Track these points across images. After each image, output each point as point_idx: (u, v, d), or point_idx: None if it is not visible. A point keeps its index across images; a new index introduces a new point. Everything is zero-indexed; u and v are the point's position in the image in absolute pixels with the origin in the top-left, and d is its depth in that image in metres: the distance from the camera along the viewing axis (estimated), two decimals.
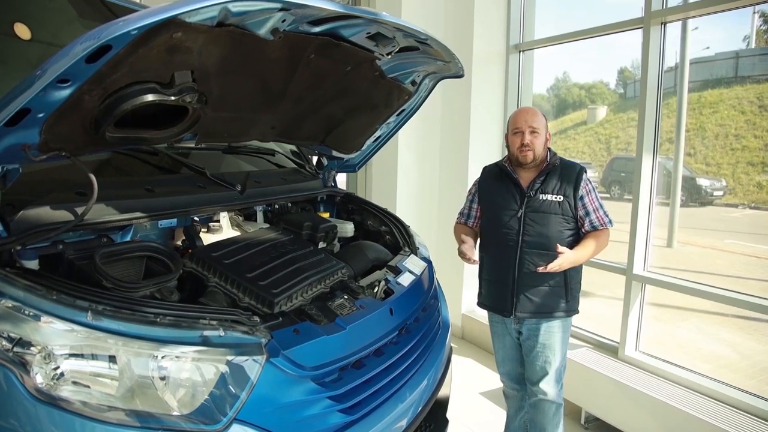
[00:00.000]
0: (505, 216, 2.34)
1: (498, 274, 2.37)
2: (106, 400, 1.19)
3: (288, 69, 1.73)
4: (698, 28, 7.77)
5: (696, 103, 10.63)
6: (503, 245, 2.33)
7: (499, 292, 2.37)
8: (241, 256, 1.70)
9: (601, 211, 2.31)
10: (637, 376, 3.05)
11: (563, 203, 2.27)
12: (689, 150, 10.11)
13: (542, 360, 2.35)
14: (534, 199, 2.29)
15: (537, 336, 2.34)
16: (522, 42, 4.27)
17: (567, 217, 2.28)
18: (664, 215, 6.57)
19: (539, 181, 2.31)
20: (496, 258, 2.38)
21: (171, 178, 1.89)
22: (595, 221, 2.30)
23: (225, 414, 1.24)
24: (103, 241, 1.65)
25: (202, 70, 1.40)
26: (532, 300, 2.30)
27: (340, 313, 1.64)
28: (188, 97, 1.39)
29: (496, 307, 2.42)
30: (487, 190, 2.47)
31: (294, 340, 1.44)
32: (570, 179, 2.29)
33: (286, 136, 2.18)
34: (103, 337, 1.20)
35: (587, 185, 2.31)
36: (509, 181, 2.37)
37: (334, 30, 1.64)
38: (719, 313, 4.58)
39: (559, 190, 2.28)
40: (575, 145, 12.72)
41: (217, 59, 1.42)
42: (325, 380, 1.48)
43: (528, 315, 2.32)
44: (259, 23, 1.35)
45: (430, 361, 2.01)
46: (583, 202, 2.29)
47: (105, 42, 1.11)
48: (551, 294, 2.30)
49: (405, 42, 1.87)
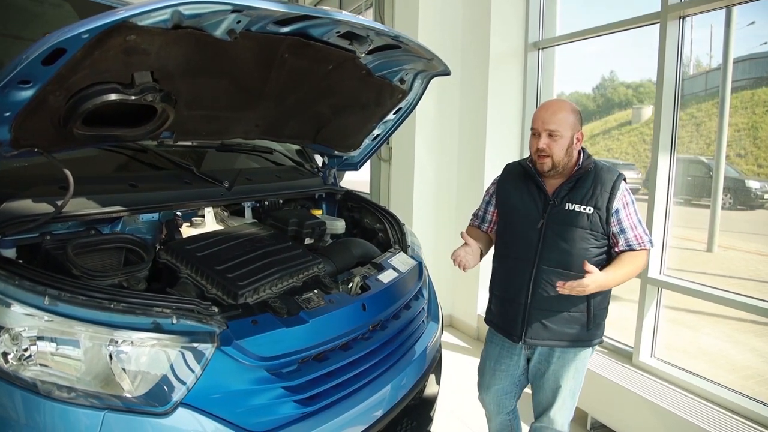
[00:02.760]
0: (523, 225, 2.01)
1: (510, 291, 2.05)
2: (63, 380, 1.27)
3: (262, 68, 1.79)
4: (755, 23, 7.36)
5: (749, 101, 10.09)
6: (518, 259, 2.02)
7: (509, 312, 2.05)
8: (214, 249, 1.77)
9: (639, 229, 1.95)
10: (649, 384, 2.94)
11: (593, 216, 1.91)
12: (739, 150, 9.62)
13: (552, 387, 2.06)
14: (559, 209, 1.95)
15: (549, 363, 2.05)
16: (541, 39, 4.20)
17: (596, 233, 1.92)
18: (706, 218, 6.28)
19: (567, 188, 1.96)
20: (509, 272, 2.06)
21: (157, 174, 1.98)
22: (632, 240, 1.94)
23: (171, 398, 1.31)
24: (90, 233, 1.75)
25: (163, 70, 1.47)
26: (546, 326, 1.98)
27: (305, 306, 1.67)
28: (150, 96, 1.46)
29: (504, 329, 2.10)
30: (507, 192, 2.12)
31: (250, 331, 1.49)
32: (605, 188, 1.92)
33: (271, 135, 2.24)
34: (63, 321, 1.28)
35: (625, 197, 1.94)
36: (533, 184, 2.02)
37: (302, 30, 1.68)
38: (755, 321, 4.34)
39: (590, 201, 1.92)
40: (619, 146, 12.34)
41: (181, 60, 1.49)
42: (281, 371, 1.52)
43: (539, 342, 2.01)
44: (214, 25, 1.41)
45: (409, 359, 2.02)
46: (618, 216, 1.92)
47: (57, 45, 1.19)
48: (570, 321, 1.97)
49: (381, 40, 1.89)
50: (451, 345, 4.23)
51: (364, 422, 1.73)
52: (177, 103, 1.62)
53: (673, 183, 3.27)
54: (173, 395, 1.31)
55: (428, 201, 4.57)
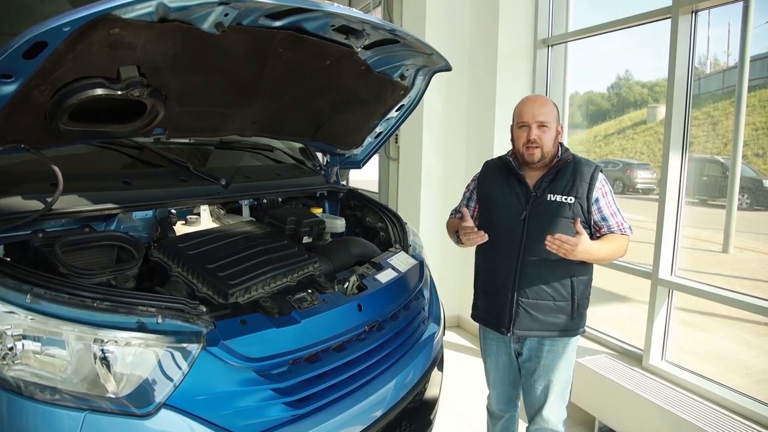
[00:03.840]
0: (506, 218, 2.05)
1: (496, 284, 2.09)
2: (45, 380, 1.24)
3: (256, 64, 1.75)
4: None
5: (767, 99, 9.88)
6: (503, 251, 2.05)
7: (497, 305, 2.09)
8: (207, 248, 1.74)
9: (619, 216, 2.04)
10: (659, 388, 2.86)
11: (574, 205, 1.97)
12: (757, 150, 9.42)
13: (544, 385, 2.09)
14: (541, 200, 2.00)
15: (539, 357, 2.08)
16: (550, 36, 4.12)
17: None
18: (722, 219, 6.16)
19: (548, 180, 2.02)
20: (494, 265, 2.09)
21: (153, 171, 1.96)
22: (613, 227, 2.02)
23: (155, 399, 1.28)
24: (85, 231, 1.73)
25: (150, 65, 1.44)
26: (533, 316, 2.02)
27: (298, 306, 1.64)
28: (137, 91, 1.44)
29: (492, 322, 2.15)
30: (488, 187, 2.17)
31: (239, 331, 1.46)
32: (584, 179, 1.99)
33: (269, 132, 2.20)
34: (45, 320, 1.26)
35: (603, 186, 2.02)
36: (513, 178, 2.08)
37: (296, 23, 1.64)
38: None
39: (571, 191, 1.98)
40: (633, 145, 12.16)
41: (169, 54, 1.46)
42: (271, 372, 1.49)
43: (528, 333, 2.06)
44: (201, 18, 1.38)
45: (408, 360, 1.98)
46: (598, 205, 2.01)
47: (37, 38, 1.16)
48: (556, 310, 2.03)
49: (378, 34, 1.85)
50: (457, 345, 4.18)
51: (359, 424, 1.69)
52: (167, 99, 1.59)
53: (684, 183, 3.18)
54: (156, 396, 1.28)
55: (436, 200, 4.52)
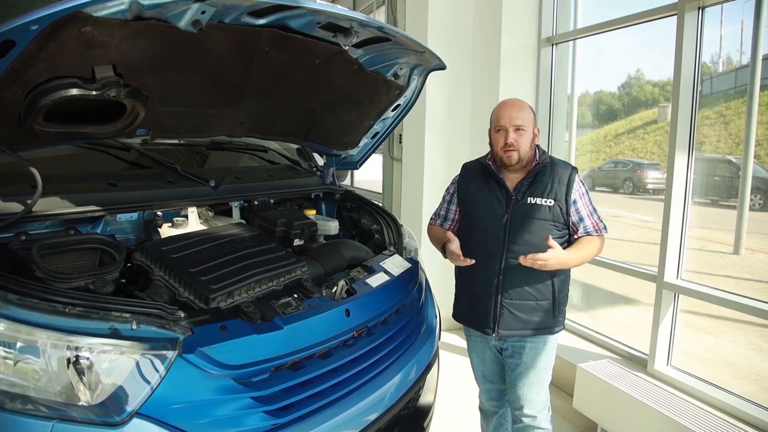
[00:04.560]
0: (488, 221, 2.08)
1: (478, 286, 2.12)
2: (14, 387, 1.21)
3: (242, 63, 1.71)
4: None
5: None
6: (485, 254, 2.07)
7: (480, 306, 2.12)
8: (191, 251, 1.70)
9: (595, 216, 2.09)
10: (664, 395, 2.79)
11: (554, 208, 2.02)
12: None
13: (526, 381, 2.13)
14: (522, 203, 2.04)
15: (521, 354, 2.12)
16: (555, 34, 4.05)
17: (558, 223, 2.04)
18: (732, 220, 6.03)
19: (527, 183, 2.06)
20: (476, 268, 2.07)
21: (139, 173, 1.93)
22: (589, 227, 2.07)
23: (126, 408, 1.24)
24: (70, 233, 1.71)
25: (127, 64, 1.41)
26: (516, 316, 2.06)
27: (282, 312, 1.59)
28: (113, 91, 1.40)
29: (476, 323, 2.18)
30: (468, 190, 2.20)
31: (218, 337, 1.42)
32: (561, 181, 2.04)
33: (259, 132, 2.16)
34: (14, 326, 1.23)
35: (580, 188, 2.07)
36: (493, 181, 2.11)
37: (280, 21, 1.60)
38: None
39: (550, 193, 2.03)
40: (644, 145, 12.01)
41: (148, 53, 1.42)
42: (251, 380, 1.44)
43: (512, 333, 2.09)
44: (177, 16, 1.34)
45: (399, 366, 1.93)
46: (576, 206, 2.05)
47: (4, 37, 1.13)
48: (538, 309, 2.07)
49: (367, 32, 1.80)
50: (456, 348, 4.11)
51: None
52: (149, 99, 1.56)
53: (691, 183, 3.10)
54: (128, 405, 1.24)
55: (438, 200, 4.45)
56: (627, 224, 8.50)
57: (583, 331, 3.81)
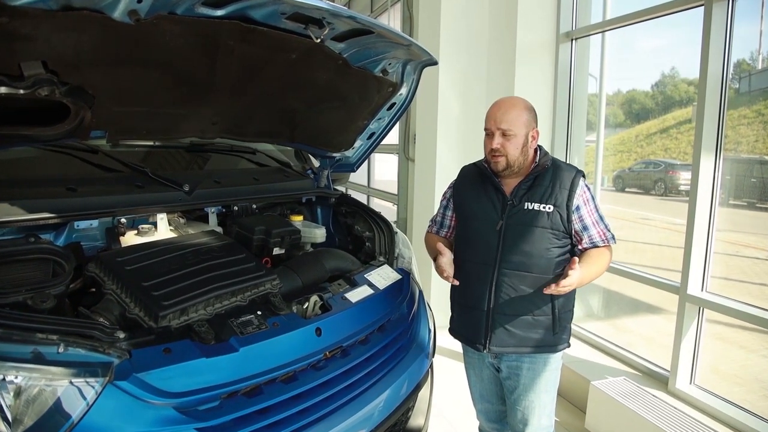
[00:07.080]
0: (482, 227, 1.92)
1: (470, 297, 1.94)
2: None
3: (205, 58, 1.58)
4: None
5: None
6: (478, 263, 1.91)
7: (472, 320, 1.94)
8: (149, 262, 1.57)
9: (601, 225, 1.89)
10: (683, 419, 2.56)
11: (553, 214, 1.83)
12: None
13: (526, 405, 1.95)
14: (518, 209, 1.86)
15: (518, 376, 1.94)
16: (574, 29, 3.81)
17: (557, 231, 1.84)
18: None
19: (525, 187, 1.87)
20: (469, 278, 1.93)
21: (105, 177, 1.81)
22: (595, 237, 1.87)
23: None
24: (30, 240, 1.60)
25: (61, 60, 1.28)
26: (510, 332, 1.87)
27: (240, 332, 1.45)
28: (46, 90, 1.27)
29: (468, 338, 2.00)
30: (464, 195, 2.03)
31: (160, 361, 1.28)
32: (563, 185, 1.85)
33: (234, 133, 2.02)
34: None
35: (585, 193, 1.87)
36: (490, 185, 1.93)
37: (240, 12, 1.46)
38: None
39: (549, 199, 1.84)
40: (677, 145, 11.52)
41: (85, 48, 1.30)
42: (196, 409, 1.30)
43: (505, 350, 1.91)
44: (111, 5, 1.20)
45: (381, 388, 1.77)
46: (579, 213, 1.85)
47: None
48: (535, 325, 1.88)
49: (342, 23, 1.65)
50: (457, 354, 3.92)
51: None
52: (97, 99, 1.43)
53: (718, 187, 2.84)
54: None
55: None
56: (656, 227, 8.13)
57: (600, 343, 3.56)
